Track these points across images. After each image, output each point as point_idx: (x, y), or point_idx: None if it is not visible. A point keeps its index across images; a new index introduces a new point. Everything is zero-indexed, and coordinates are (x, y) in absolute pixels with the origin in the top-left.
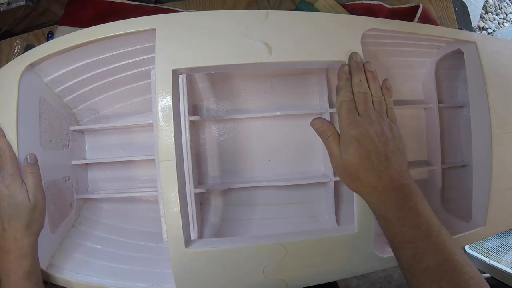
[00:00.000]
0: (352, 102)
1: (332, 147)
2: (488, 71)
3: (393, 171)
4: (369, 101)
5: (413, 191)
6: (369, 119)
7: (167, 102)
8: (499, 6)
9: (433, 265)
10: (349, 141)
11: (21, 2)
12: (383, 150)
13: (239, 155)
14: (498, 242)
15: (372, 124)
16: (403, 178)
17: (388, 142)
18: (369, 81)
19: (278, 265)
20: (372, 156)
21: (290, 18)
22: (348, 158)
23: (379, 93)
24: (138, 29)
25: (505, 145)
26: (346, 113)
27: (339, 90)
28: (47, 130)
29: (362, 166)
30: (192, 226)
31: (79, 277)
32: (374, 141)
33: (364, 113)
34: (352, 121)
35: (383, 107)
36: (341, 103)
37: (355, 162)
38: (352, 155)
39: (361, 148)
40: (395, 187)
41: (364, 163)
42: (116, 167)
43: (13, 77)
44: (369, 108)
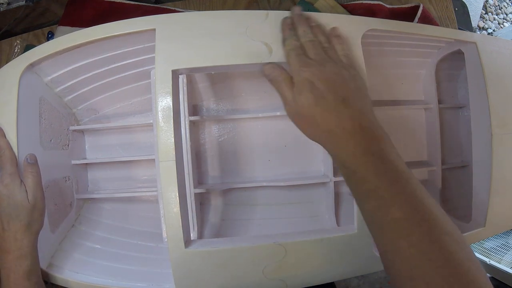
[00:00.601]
0: (300, 48)
1: (285, 91)
2: (488, 71)
3: (353, 111)
4: (317, 46)
5: (377, 134)
6: (322, 60)
7: (167, 102)
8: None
9: (400, 217)
10: (302, 83)
11: (21, 2)
12: (340, 89)
13: (239, 155)
14: (498, 242)
15: (326, 64)
16: (365, 120)
17: (346, 81)
18: (315, 34)
19: (278, 265)
20: (328, 96)
21: None
22: (302, 101)
23: (327, 43)
24: (138, 29)
25: (505, 145)
26: (295, 59)
27: (284, 41)
28: (47, 130)
29: (317, 107)
30: (192, 226)
31: (79, 277)
32: (329, 79)
33: (316, 56)
34: (303, 64)
35: (334, 53)
36: (288, 52)
37: (310, 104)
38: (306, 97)
39: (315, 88)
40: (355, 130)
41: (320, 104)
42: (116, 167)
43: (13, 77)
44: (319, 52)
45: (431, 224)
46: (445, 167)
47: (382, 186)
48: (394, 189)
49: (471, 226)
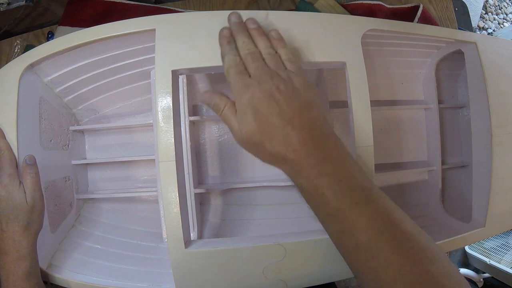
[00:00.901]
0: (240, 64)
1: (229, 120)
2: (488, 71)
3: (302, 130)
4: (258, 59)
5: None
6: (262, 77)
7: (167, 103)
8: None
9: (365, 239)
10: (244, 109)
11: (21, 2)
12: (286, 108)
13: (239, 155)
14: (498, 242)
15: (266, 82)
16: (316, 137)
17: (292, 96)
18: (255, 39)
19: (278, 265)
20: (273, 120)
21: (290, 18)
22: (247, 129)
23: (269, 48)
24: (138, 29)
25: (505, 145)
26: (235, 79)
27: (223, 57)
28: (47, 130)
29: (264, 133)
30: (192, 226)
31: (79, 277)
32: (271, 101)
33: (255, 72)
34: (243, 85)
35: (277, 61)
36: (227, 71)
37: (255, 131)
38: (251, 124)
39: (258, 113)
40: (307, 151)
41: (265, 130)
42: (116, 167)
43: (13, 77)
44: (260, 66)
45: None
46: (445, 167)
47: (341, 209)
48: (354, 210)
49: (471, 226)
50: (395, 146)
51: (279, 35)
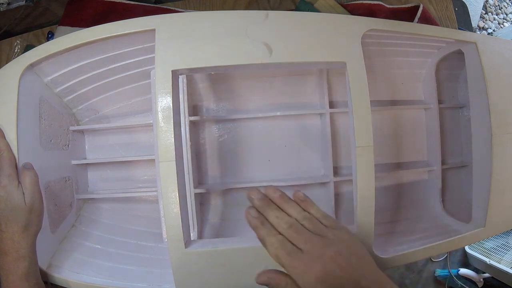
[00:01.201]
0: (286, 243)
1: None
2: (488, 71)
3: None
4: (301, 230)
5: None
6: (316, 249)
7: (167, 103)
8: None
9: None
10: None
11: (21, 2)
12: (349, 275)
13: (239, 155)
14: (498, 242)
15: (324, 253)
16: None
17: (348, 259)
18: (284, 208)
19: (278, 265)
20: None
21: (290, 18)
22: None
23: (303, 212)
24: (138, 29)
25: (505, 145)
26: (289, 260)
27: (263, 241)
28: (47, 130)
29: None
30: (192, 226)
31: (79, 277)
32: (336, 273)
33: (307, 246)
34: (302, 264)
35: (317, 223)
36: (276, 255)
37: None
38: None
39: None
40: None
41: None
42: (116, 167)
43: (13, 77)
44: (308, 236)
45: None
46: (445, 167)
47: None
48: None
49: (471, 226)
50: (395, 146)
51: (304, 196)
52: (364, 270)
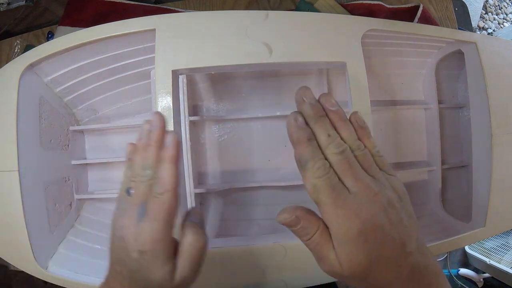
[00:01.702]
0: (332, 174)
1: (321, 249)
2: (488, 71)
3: (414, 259)
4: (355, 164)
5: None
6: (367, 193)
7: (167, 103)
8: (499, 6)
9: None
10: (350, 241)
11: (21, 2)
12: (397, 235)
13: (239, 155)
14: (498, 242)
15: (374, 199)
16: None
17: (400, 215)
18: (338, 128)
19: (278, 265)
20: (386, 250)
21: (290, 18)
22: (351, 264)
23: (358, 141)
24: (138, 29)
25: (505, 145)
26: (330, 197)
27: (304, 164)
28: (47, 130)
29: (373, 267)
30: None
31: (79, 277)
32: (384, 227)
33: (356, 185)
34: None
35: (371, 161)
36: (315, 185)
37: (363, 265)
38: (358, 258)
39: (368, 244)
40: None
41: (377, 263)
42: (116, 167)
43: (13, 77)
44: (359, 173)
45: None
46: (445, 167)
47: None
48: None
49: (471, 226)
50: (395, 146)
51: (362, 121)
52: (412, 232)
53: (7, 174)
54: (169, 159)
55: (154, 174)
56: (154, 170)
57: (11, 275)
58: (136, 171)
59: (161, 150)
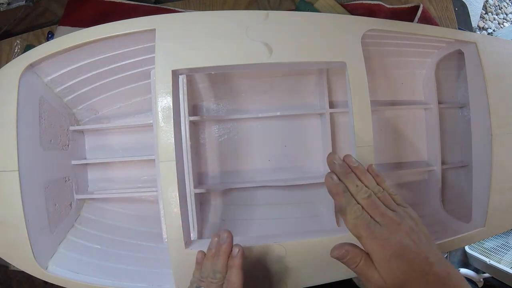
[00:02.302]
0: (366, 215)
1: (367, 272)
2: (488, 71)
3: (437, 267)
4: (379, 204)
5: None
6: (393, 224)
7: (167, 103)
8: (499, 6)
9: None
10: (388, 262)
11: (21, 2)
12: (421, 251)
13: (239, 155)
14: (498, 242)
15: (399, 228)
16: (445, 270)
17: (419, 236)
18: (361, 179)
19: (278, 265)
20: (415, 265)
21: (290, 18)
22: (392, 279)
23: (378, 186)
24: (138, 29)
25: (505, 145)
26: (367, 232)
27: (344, 209)
28: (47, 130)
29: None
30: (192, 226)
31: (79, 277)
32: (411, 247)
33: (384, 220)
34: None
35: (388, 198)
36: (354, 224)
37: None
38: (397, 276)
39: (402, 263)
40: (440, 284)
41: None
42: (116, 167)
43: (13, 77)
44: (384, 210)
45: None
46: (445, 167)
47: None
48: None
49: (471, 226)
50: (395, 146)
51: (376, 171)
52: (431, 248)
53: (7, 174)
54: (237, 266)
55: (222, 276)
56: (222, 274)
57: (11, 275)
58: (207, 274)
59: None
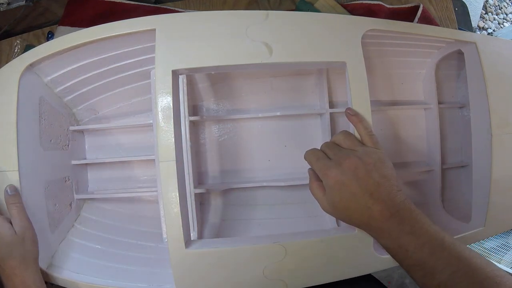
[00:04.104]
0: (319, 151)
1: (317, 194)
2: (488, 71)
3: (382, 203)
4: (334, 146)
5: (406, 214)
6: (339, 160)
7: (167, 103)
8: (499, 6)
9: (445, 279)
10: (330, 189)
11: (21, 2)
12: (365, 186)
13: (239, 155)
14: (498, 242)
15: (344, 163)
16: (393, 206)
17: (370, 173)
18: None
19: (278, 265)
20: (356, 197)
21: (290, 18)
22: (334, 206)
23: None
24: (138, 29)
25: (505, 145)
26: (317, 164)
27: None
28: (47, 130)
29: (349, 209)
30: (192, 226)
31: (79, 277)
32: (351, 181)
33: (334, 156)
34: (325, 168)
35: (352, 140)
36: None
37: (342, 207)
38: (337, 202)
39: (342, 192)
40: (387, 218)
41: (351, 206)
42: (116, 167)
43: (13, 77)
44: (336, 149)
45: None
46: (445, 167)
47: (422, 259)
48: (433, 258)
49: (471, 226)
50: (395, 146)
51: (354, 111)
52: (382, 187)
53: (7, 174)
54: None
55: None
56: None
57: None
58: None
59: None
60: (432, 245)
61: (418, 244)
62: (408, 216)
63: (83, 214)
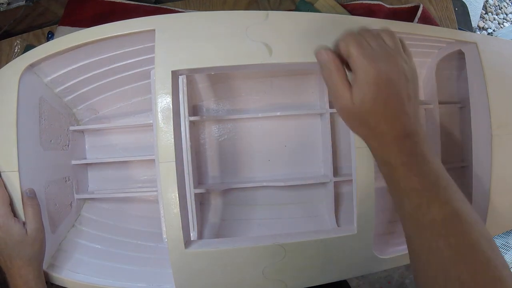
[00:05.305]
0: (358, 35)
1: (340, 88)
2: (488, 71)
3: (408, 118)
4: (379, 37)
5: (422, 138)
6: (387, 53)
7: (167, 103)
8: (499, 6)
9: (440, 218)
10: (367, 83)
11: (21, 2)
12: (402, 95)
13: (239, 155)
14: (498, 242)
15: (393, 60)
16: (416, 124)
17: (408, 84)
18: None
19: (278, 266)
20: (390, 102)
21: (290, 18)
22: (362, 104)
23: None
24: (138, 29)
25: (505, 146)
26: (358, 50)
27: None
28: (47, 130)
29: (376, 113)
30: (192, 226)
31: (79, 277)
32: (395, 83)
33: (379, 47)
34: (368, 55)
35: (397, 42)
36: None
37: (369, 109)
38: (369, 101)
39: (380, 92)
40: (406, 134)
41: (380, 110)
42: (116, 167)
43: (13, 77)
44: (382, 43)
45: (469, 227)
46: (445, 167)
47: (424, 185)
48: (435, 189)
49: None
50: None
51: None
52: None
53: (7, 174)
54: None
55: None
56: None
57: None
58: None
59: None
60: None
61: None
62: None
63: (83, 214)
